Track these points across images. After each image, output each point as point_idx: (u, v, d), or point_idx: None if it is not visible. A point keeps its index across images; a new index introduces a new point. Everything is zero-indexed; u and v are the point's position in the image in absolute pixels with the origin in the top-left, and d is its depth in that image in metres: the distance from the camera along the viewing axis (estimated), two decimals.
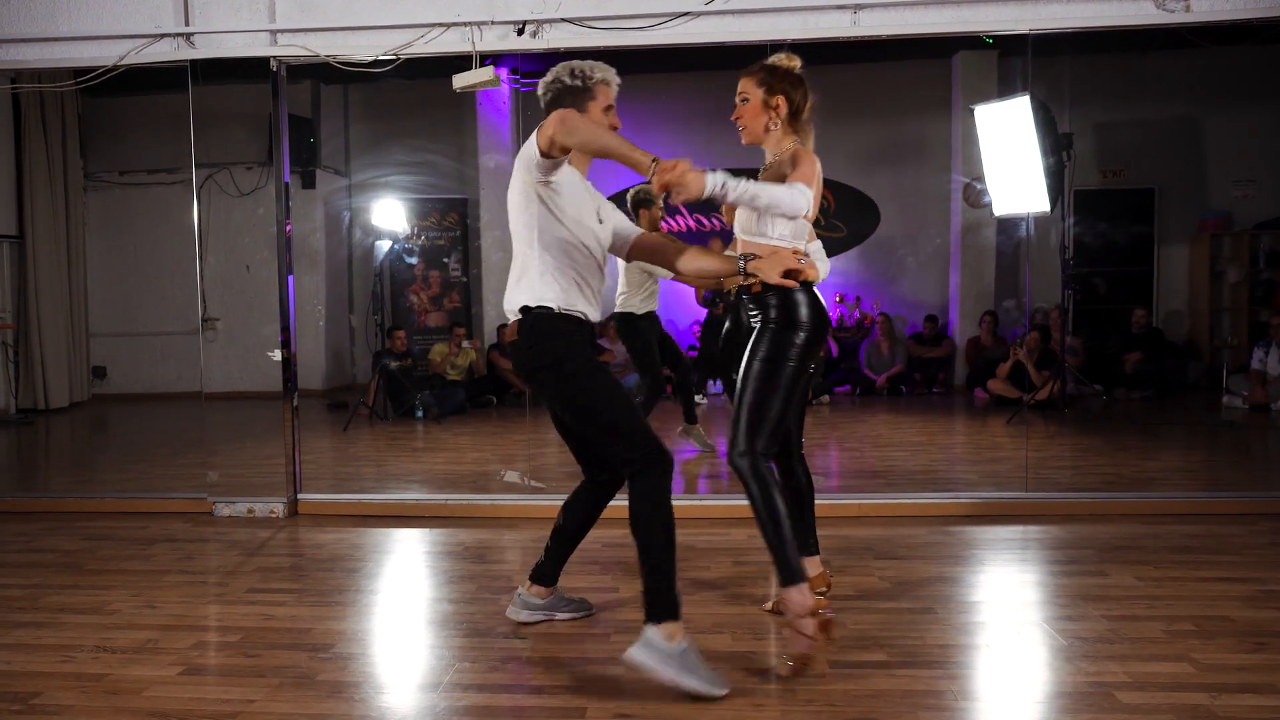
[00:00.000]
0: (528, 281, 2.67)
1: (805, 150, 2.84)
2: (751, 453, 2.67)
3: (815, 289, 2.82)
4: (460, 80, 4.31)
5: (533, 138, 2.54)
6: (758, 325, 2.82)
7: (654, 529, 2.48)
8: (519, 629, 2.95)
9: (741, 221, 2.92)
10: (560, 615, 3.02)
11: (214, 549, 4.00)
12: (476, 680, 2.57)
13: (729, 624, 2.95)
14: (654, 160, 2.38)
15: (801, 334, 2.73)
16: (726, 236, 4.43)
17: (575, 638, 2.89)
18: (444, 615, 3.13)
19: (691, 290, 9.08)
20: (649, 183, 2.41)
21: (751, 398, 2.71)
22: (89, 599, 3.30)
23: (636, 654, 2.45)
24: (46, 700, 2.47)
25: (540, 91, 2.78)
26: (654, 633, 2.45)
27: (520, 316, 2.68)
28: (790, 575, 2.57)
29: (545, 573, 3.00)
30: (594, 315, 2.75)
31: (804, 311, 2.74)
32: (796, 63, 2.95)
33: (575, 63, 2.75)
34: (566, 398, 2.63)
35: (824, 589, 3.09)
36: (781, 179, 2.74)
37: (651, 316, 5.51)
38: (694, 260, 2.88)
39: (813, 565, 3.05)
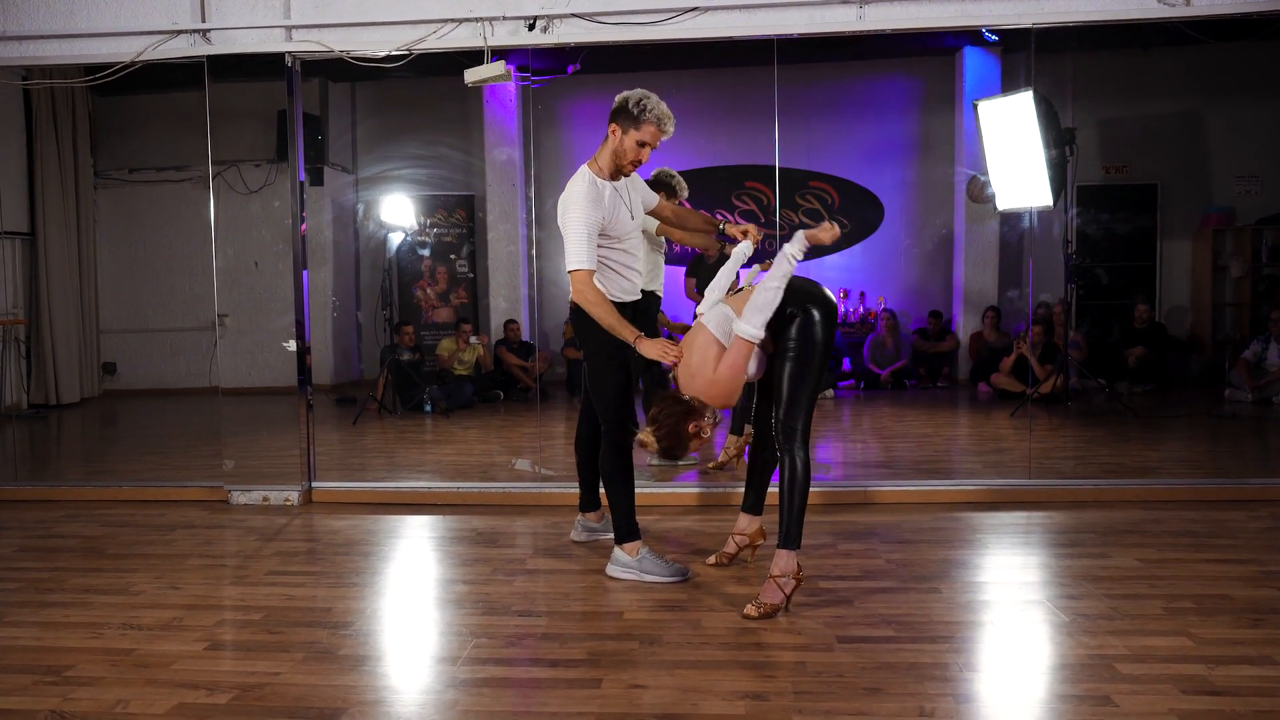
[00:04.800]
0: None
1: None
2: (792, 431, 2.99)
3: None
4: (472, 75, 4.38)
5: (572, 219, 3.20)
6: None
7: (610, 477, 3.32)
8: (534, 607, 3.03)
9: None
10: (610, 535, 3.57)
11: (232, 534, 4.08)
12: (494, 655, 2.65)
13: (740, 601, 3.01)
14: (636, 337, 3.13)
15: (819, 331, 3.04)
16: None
17: (589, 616, 2.96)
18: (459, 595, 3.20)
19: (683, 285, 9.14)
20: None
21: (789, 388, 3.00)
22: (113, 580, 3.38)
23: (610, 569, 3.32)
24: (79, 673, 2.54)
25: (615, 100, 3.24)
26: (618, 551, 3.30)
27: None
28: (791, 541, 2.94)
29: (589, 501, 3.77)
30: (634, 292, 3.50)
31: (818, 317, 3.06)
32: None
33: (647, 96, 3.18)
34: (589, 358, 3.41)
35: (762, 541, 3.44)
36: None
37: (651, 296, 5.29)
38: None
39: (752, 523, 3.43)
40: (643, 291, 5.29)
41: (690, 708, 2.28)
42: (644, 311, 5.10)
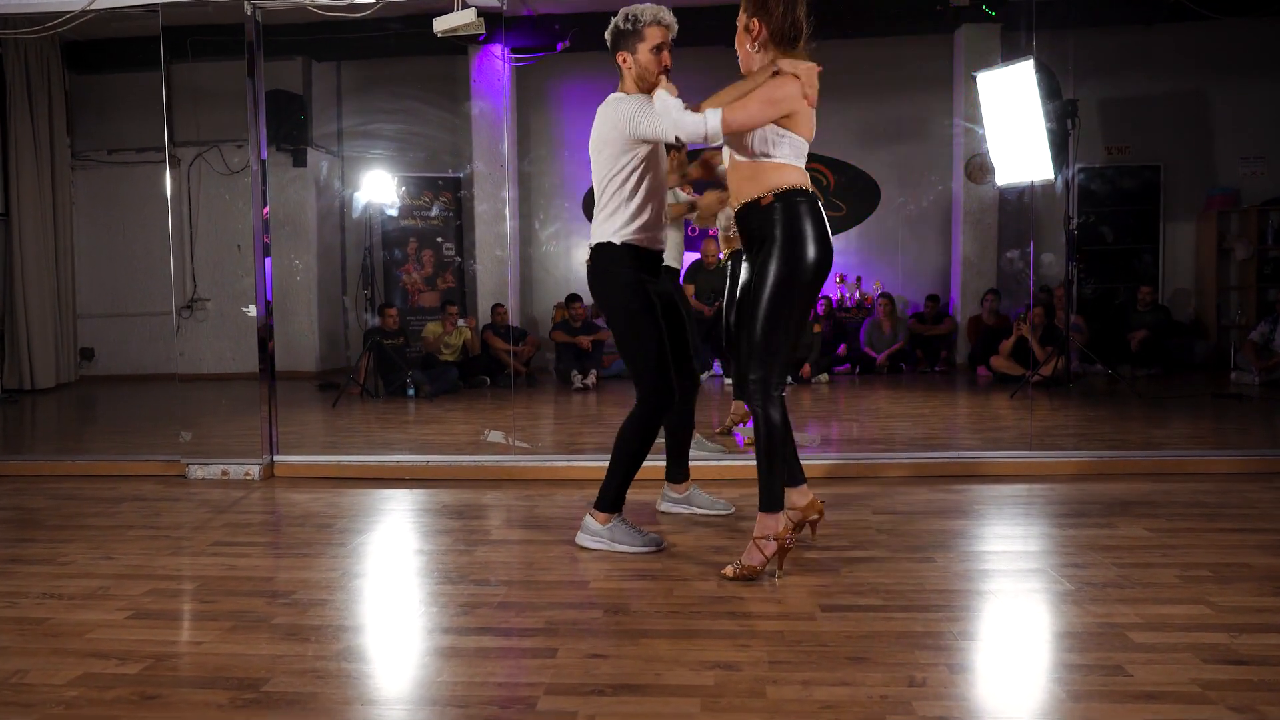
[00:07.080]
0: (618, 218, 2.96)
1: (784, 70, 2.69)
2: (766, 384, 2.67)
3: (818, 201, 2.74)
4: (441, 23, 4.15)
5: (642, 113, 2.85)
6: (761, 244, 2.72)
7: (627, 447, 3.01)
8: (493, 577, 2.79)
9: (737, 141, 2.78)
10: (696, 509, 3.46)
11: (183, 507, 3.84)
12: (442, 624, 2.41)
13: (717, 572, 2.78)
14: None
15: (811, 248, 2.65)
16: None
17: (552, 585, 2.72)
18: (417, 566, 2.96)
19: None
20: None
21: (764, 325, 2.66)
22: (44, 551, 3.14)
23: (580, 538, 3.07)
24: None
25: (607, 36, 3.02)
26: (589, 519, 3.06)
27: (598, 244, 3.00)
28: (771, 504, 2.69)
29: (675, 472, 3.47)
30: (663, 242, 3.11)
31: (809, 224, 2.66)
32: None
33: (633, 7, 2.95)
34: (613, 321, 3.04)
35: (817, 516, 3.00)
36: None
37: (669, 270, 5.01)
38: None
39: (803, 494, 2.98)
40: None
41: (653, 678, 2.04)
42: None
